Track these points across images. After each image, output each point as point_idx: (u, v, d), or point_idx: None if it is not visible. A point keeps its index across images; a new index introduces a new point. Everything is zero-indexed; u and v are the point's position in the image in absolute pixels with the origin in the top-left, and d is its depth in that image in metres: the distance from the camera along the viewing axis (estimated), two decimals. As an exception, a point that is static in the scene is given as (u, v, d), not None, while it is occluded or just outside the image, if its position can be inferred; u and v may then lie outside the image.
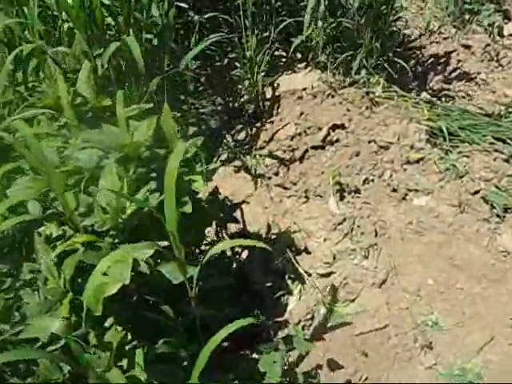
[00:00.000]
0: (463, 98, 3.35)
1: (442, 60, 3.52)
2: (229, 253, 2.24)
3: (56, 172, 1.44)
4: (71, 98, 1.74)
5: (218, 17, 2.79)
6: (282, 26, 2.96)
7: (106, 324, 1.43)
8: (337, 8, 2.92)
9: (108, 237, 1.48)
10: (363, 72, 2.98)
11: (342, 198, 2.43)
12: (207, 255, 1.47)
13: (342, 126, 2.71)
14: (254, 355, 1.89)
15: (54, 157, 1.55)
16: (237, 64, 2.96)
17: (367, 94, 2.92)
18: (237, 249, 2.26)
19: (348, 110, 2.84)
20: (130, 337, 1.41)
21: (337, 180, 2.42)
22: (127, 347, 1.41)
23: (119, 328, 1.40)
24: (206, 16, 2.74)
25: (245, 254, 2.28)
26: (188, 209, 1.58)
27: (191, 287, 1.49)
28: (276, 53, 3.03)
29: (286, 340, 1.87)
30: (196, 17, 2.60)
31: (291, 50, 2.94)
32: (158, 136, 1.66)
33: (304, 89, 2.94)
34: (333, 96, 2.91)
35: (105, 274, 1.30)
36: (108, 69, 1.94)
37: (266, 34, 2.94)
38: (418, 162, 2.65)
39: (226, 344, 1.61)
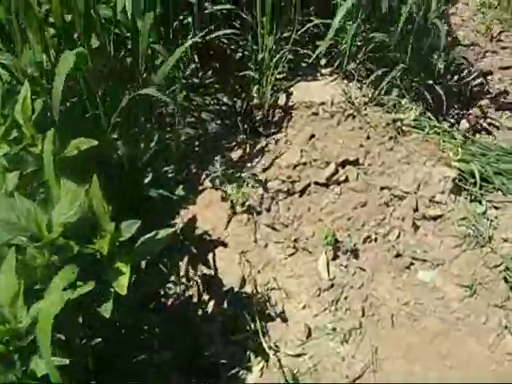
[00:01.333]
0: (510, 129, 2.88)
1: (493, 78, 3.01)
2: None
3: None
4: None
5: (229, 10, 2.34)
6: (308, 26, 2.51)
7: None
8: (376, 16, 2.43)
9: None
10: (394, 93, 2.53)
11: (335, 257, 2.09)
12: None
13: (356, 162, 2.31)
14: None
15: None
16: (250, 63, 2.53)
17: (394, 121, 2.48)
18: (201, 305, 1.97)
19: (368, 138, 2.43)
20: None
21: (332, 236, 2.05)
22: None
23: None
24: (216, 8, 2.30)
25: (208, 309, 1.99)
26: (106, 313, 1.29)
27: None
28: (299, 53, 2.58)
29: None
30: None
31: (315, 55, 2.49)
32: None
33: (322, 103, 2.51)
34: (353, 117, 2.49)
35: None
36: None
37: (286, 35, 2.49)
38: (434, 219, 2.25)
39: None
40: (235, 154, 2.39)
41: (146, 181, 2.13)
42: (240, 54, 2.56)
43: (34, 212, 1.25)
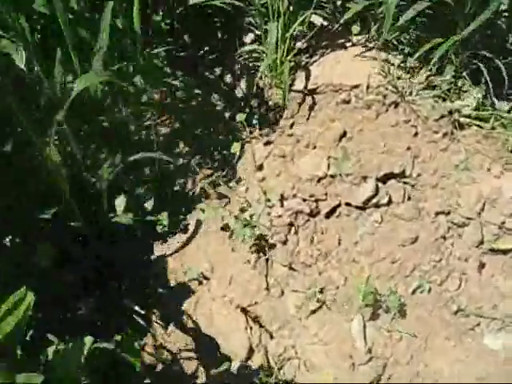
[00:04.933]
0: None
1: None
2: None
3: None
4: None
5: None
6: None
7: None
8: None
9: None
10: (449, 72, 1.88)
11: (374, 316, 1.53)
12: None
13: (401, 175, 1.70)
14: None
15: None
16: (258, 31, 1.87)
17: (450, 112, 1.84)
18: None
19: (415, 135, 1.80)
20: None
21: (371, 287, 1.49)
22: None
23: None
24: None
25: None
26: None
27: None
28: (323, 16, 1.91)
29: None
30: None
31: (344, 18, 1.82)
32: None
33: (355, 87, 1.86)
34: (396, 105, 1.85)
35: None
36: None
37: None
38: (504, 253, 1.67)
39: None
40: (240, 162, 1.78)
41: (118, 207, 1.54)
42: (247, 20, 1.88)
43: None
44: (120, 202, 1.54)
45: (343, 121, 1.84)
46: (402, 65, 1.93)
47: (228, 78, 1.99)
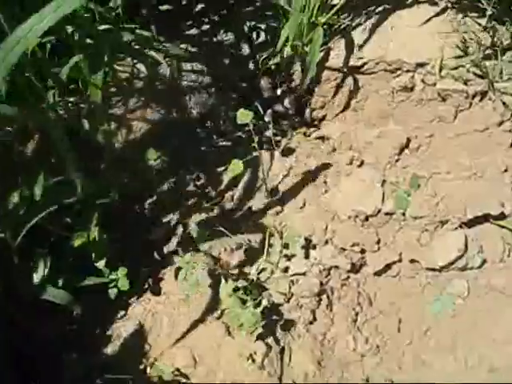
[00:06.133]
0: None
1: None
2: None
3: None
4: None
5: None
6: None
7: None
8: None
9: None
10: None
11: None
12: None
13: (500, 217, 1.04)
14: None
15: None
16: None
17: None
18: None
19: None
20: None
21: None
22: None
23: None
24: None
25: None
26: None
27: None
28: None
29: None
30: None
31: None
32: None
33: (421, 65, 1.19)
34: (482, 97, 1.18)
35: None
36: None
37: None
38: None
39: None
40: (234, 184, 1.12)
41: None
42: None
43: None
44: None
45: (403, 120, 1.16)
46: (487, 34, 1.25)
47: (228, 45, 1.30)
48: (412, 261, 1.07)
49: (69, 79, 1.02)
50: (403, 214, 1.09)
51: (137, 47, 1.28)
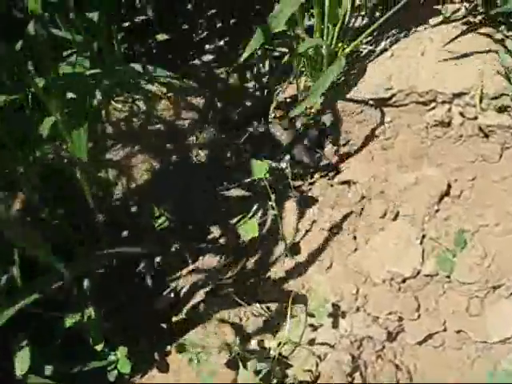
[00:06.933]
0: None
1: None
2: None
3: None
4: None
5: None
6: None
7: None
8: None
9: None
10: None
11: None
12: None
13: None
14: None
15: None
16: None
17: None
18: None
19: None
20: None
21: None
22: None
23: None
24: None
25: None
26: None
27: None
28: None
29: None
30: None
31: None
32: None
33: (458, 95, 1.03)
34: None
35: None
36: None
37: None
38: None
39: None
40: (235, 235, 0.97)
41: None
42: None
43: None
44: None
45: (441, 160, 1.01)
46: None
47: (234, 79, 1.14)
48: (459, 331, 0.91)
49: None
50: (447, 277, 0.93)
51: (133, 82, 1.12)
